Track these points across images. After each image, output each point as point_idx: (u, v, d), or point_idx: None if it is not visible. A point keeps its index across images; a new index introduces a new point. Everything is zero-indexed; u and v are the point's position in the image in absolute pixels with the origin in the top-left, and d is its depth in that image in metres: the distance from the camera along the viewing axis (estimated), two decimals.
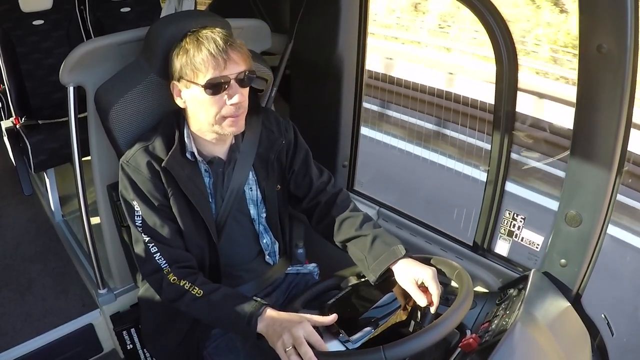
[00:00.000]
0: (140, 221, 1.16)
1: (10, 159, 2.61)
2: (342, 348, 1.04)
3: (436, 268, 1.13)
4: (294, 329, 0.97)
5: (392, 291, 1.13)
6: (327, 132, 1.81)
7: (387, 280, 1.16)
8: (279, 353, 0.98)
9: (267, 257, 1.35)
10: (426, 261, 1.16)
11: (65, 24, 2.57)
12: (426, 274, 1.09)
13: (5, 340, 1.75)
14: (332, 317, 1.03)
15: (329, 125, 1.81)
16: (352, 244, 1.24)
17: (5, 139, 2.50)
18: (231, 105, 1.10)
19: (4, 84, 2.42)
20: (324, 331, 1.06)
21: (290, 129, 1.33)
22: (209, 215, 1.20)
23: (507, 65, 1.30)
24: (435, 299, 1.07)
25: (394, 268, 1.14)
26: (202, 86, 1.08)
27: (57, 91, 2.51)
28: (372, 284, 1.17)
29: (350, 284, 1.24)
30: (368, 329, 1.05)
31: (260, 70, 1.37)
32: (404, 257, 1.15)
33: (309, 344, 0.96)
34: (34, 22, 2.47)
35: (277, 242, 1.36)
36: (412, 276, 1.10)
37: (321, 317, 1.04)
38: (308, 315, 1.02)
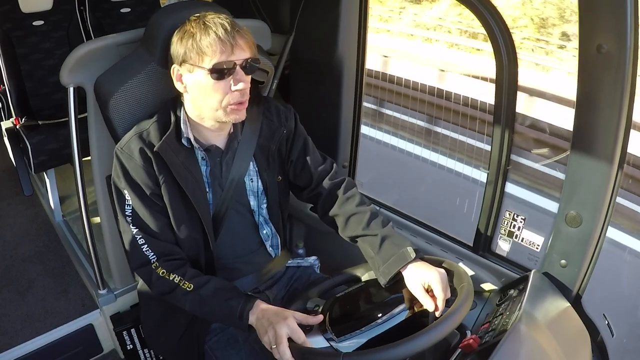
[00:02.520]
0: (130, 211, 1.15)
1: (10, 159, 2.61)
2: (326, 345, 1.04)
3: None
4: (278, 326, 0.99)
5: (402, 292, 1.12)
6: (327, 132, 1.81)
7: (397, 281, 1.14)
8: (266, 347, 1.00)
9: (268, 248, 1.33)
10: (437, 264, 1.13)
11: (65, 24, 2.57)
12: (433, 278, 1.07)
13: (5, 341, 1.74)
14: (317, 318, 1.05)
15: (329, 125, 1.81)
16: (361, 241, 1.23)
17: (6, 139, 2.50)
18: (236, 91, 1.09)
19: (4, 85, 2.41)
20: (315, 326, 1.07)
21: (291, 117, 1.31)
22: (203, 206, 1.18)
23: (507, 65, 1.29)
24: (440, 304, 1.06)
25: (404, 272, 1.12)
26: (208, 70, 1.07)
27: (57, 92, 2.51)
28: (382, 285, 1.15)
29: (366, 280, 1.22)
30: (362, 330, 1.04)
31: (262, 61, 1.37)
32: (414, 259, 1.12)
33: (292, 340, 0.98)
34: (34, 23, 2.47)
35: (277, 235, 1.35)
36: (419, 280, 1.09)
37: (307, 316, 1.05)
38: (296, 313, 1.04)
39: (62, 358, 1.77)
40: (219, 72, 1.07)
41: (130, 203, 1.14)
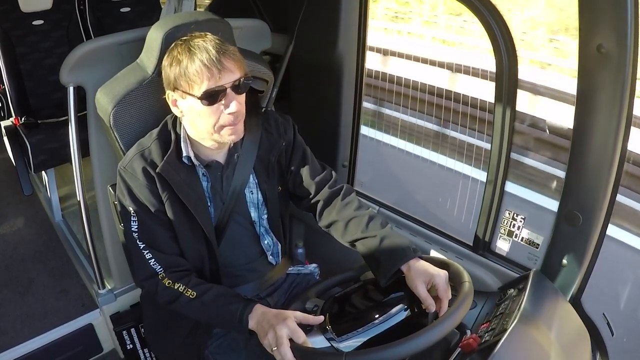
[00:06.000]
0: (136, 227, 1.16)
1: (10, 159, 2.61)
2: (326, 345, 1.04)
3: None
4: (278, 327, 0.99)
5: (402, 291, 1.12)
6: (327, 132, 1.81)
7: (396, 281, 1.14)
8: (267, 350, 1.00)
9: (269, 257, 1.34)
10: (436, 263, 1.13)
11: (65, 24, 2.57)
12: (437, 277, 1.07)
13: (5, 340, 1.74)
14: (318, 319, 1.05)
15: (329, 125, 1.81)
16: (360, 244, 1.22)
17: (5, 139, 2.50)
18: (229, 114, 1.09)
19: (3, 84, 2.41)
20: (315, 326, 1.07)
21: (290, 128, 1.32)
22: (206, 220, 1.19)
23: (507, 64, 1.29)
24: (444, 304, 1.06)
25: (405, 270, 1.12)
26: (198, 97, 1.07)
27: (57, 91, 2.51)
28: (382, 285, 1.15)
29: (365, 279, 1.22)
30: (362, 329, 1.04)
31: (261, 71, 1.37)
32: (414, 258, 1.12)
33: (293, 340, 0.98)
34: (34, 22, 2.47)
35: (279, 243, 1.36)
36: (422, 279, 1.08)
37: (308, 316, 1.05)
38: (297, 313, 1.04)
39: (62, 358, 1.77)
40: (210, 98, 1.07)
41: (136, 219, 1.16)
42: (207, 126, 1.11)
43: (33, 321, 1.84)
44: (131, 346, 1.74)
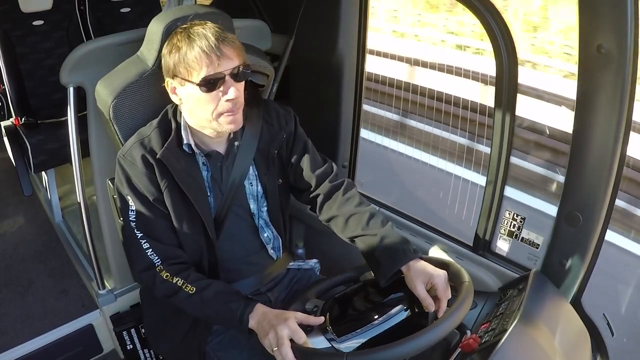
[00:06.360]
0: (134, 216, 1.16)
1: (10, 159, 2.61)
2: (327, 345, 1.04)
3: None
4: (279, 327, 0.99)
5: (402, 291, 1.12)
6: (327, 133, 1.81)
7: (396, 281, 1.14)
8: (268, 350, 1.00)
9: (270, 251, 1.34)
10: (436, 263, 1.13)
11: (65, 24, 2.56)
12: (437, 278, 1.07)
13: (5, 341, 1.74)
14: (319, 319, 1.05)
15: (329, 126, 1.81)
16: (360, 241, 1.22)
17: (5, 139, 2.50)
18: (227, 101, 1.09)
19: (3, 84, 2.41)
20: (315, 326, 1.07)
21: (291, 120, 1.31)
22: (205, 210, 1.19)
23: (507, 66, 1.29)
24: (443, 304, 1.06)
25: (404, 270, 1.12)
26: (197, 84, 1.07)
27: (57, 91, 2.51)
28: (382, 286, 1.15)
29: (365, 279, 1.22)
30: (363, 329, 1.04)
31: (262, 65, 1.37)
32: (414, 258, 1.12)
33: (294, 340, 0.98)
34: (34, 23, 2.47)
35: (279, 237, 1.36)
36: (422, 279, 1.08)
37: (308, 316, 1.05)
38: (297, 313, 1.04)
39: (62, 358, 1.77)
40: (209, 85, 1.07)
41: (134, 209, 1.16)
42: (206, 113, 1.11)
43: (33, 321, 1.84)
44: (131, 347, 1.74)
